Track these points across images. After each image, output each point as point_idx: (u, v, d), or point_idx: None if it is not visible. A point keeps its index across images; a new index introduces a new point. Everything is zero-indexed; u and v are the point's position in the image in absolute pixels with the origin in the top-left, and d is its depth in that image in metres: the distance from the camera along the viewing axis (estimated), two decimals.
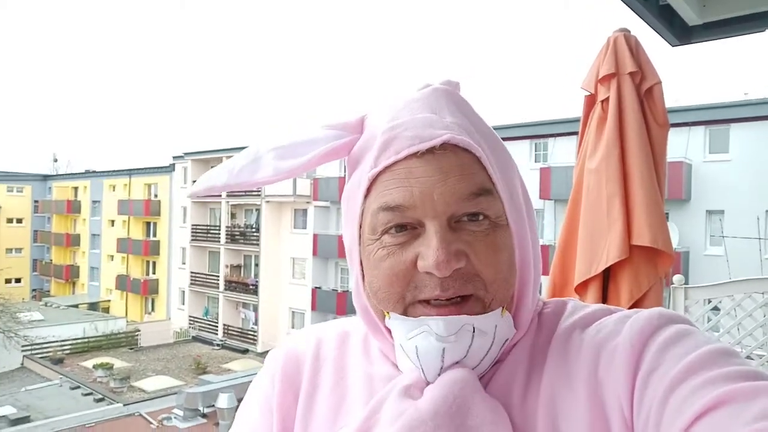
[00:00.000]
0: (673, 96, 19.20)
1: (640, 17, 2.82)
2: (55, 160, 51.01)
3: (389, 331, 0.67)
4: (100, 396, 19.72)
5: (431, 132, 0.63)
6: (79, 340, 26.81)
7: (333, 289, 25.32)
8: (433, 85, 0.70)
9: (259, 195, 27.71)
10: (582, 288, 2.32)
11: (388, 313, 0.65)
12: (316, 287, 25.66)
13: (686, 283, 3.32)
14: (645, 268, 2.27)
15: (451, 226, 0.61)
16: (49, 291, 41.98)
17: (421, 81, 0.73)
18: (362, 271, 0.67)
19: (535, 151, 20.40)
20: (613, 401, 0.57)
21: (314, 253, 25.64)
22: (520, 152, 19.91)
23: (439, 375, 0.63)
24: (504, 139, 0.73)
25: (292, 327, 27.17)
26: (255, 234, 28.28)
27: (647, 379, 0.55)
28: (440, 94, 0.68)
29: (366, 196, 0.65)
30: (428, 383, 0.64)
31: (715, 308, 3.32)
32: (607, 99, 2.40)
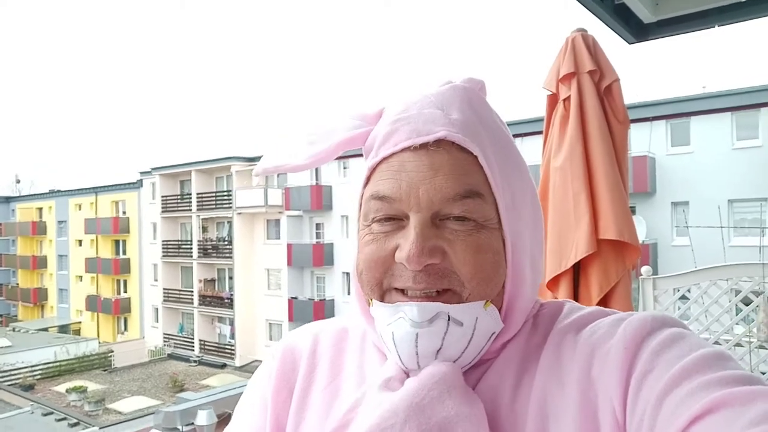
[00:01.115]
0: (634, 92, 19.67)
1: (597, 17, 2.89)
2: (18, 181, 49.77)
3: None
4: (75, 420, 19.21)
5: (429, 128, 0.64)
6: (50, 365, 26.08)
7: (309, 299, 25.16)
8: (453, 82, 0.71)
9: (230, 207, 27.41)
10: (553, 283, 2.36)
11: (371, 300, 0.67)
12: (293, 297, 25.45)
13: (655, 273, 3.40)
14: (613, 261, 2.32)
15: (435, 223, 0.63)
16: (16, 316, 40.78)
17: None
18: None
19: None
20: (605, 403, 0.57)
21: (289, 263, 25.45)
22: None
23: (417, 363, 0.63)
24: None
25: (270, 339, 26.89)
26: (228, 247, 27.95)
27: (641, 381, 0.55)
28: (456, 91, 0.69)
29: (366, 185, 0.68)
30: (408, 375, 0.65)
31: (684, 297, 3.41)
32: (568, 98, 2.46)
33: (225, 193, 28.04)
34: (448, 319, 0.62)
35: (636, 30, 3.12)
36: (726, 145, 16.40)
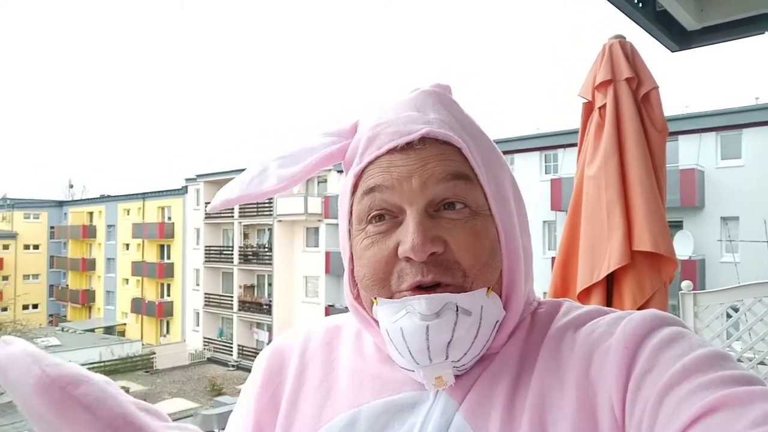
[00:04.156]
0: (680, 102, 19.13)
1: (638, 24, 2.83)
2: (71, 186, 51.88)
3: (378, 323, 0.68)
4: None
5: (411, 127, 0.65)
6: (95, 365, 26.91)
7: (346, 307, 25.15)
8: (421, 88, 0.72)
9: (270, 215, 27.86)
10: (585, 294, 2.31)
11: (375, 299, 0.66)
12: (330, 305, 25.61)
13: (702, 290, 3.27)
14: (648, 274, 2.25)
15: (430, 214, 0.63)
16: (65, 316, 42.32)
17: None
18: (352, 265, 0.69)
19: (545, 162, 20.35)
20: (604, 401, 0.56)
21: (327, 271, 25.64)
22: (530, 164, 19.87)
23: (429, 357, 0.62)
24: (513, 151, 0.75)
25: None
26: (268, 253, 28.37)
27: (641, 380, 0.55)
28: (427, 95, 0.71)
29: (353, 192, 0.68)
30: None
31: (728, 315, 3.27)
32: (604, 106, 2.41)
33: (266, 201, 28.52)
34: (457, 310, 0.62)
35: (679, 37, 3.03)
36: None
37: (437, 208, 0.64)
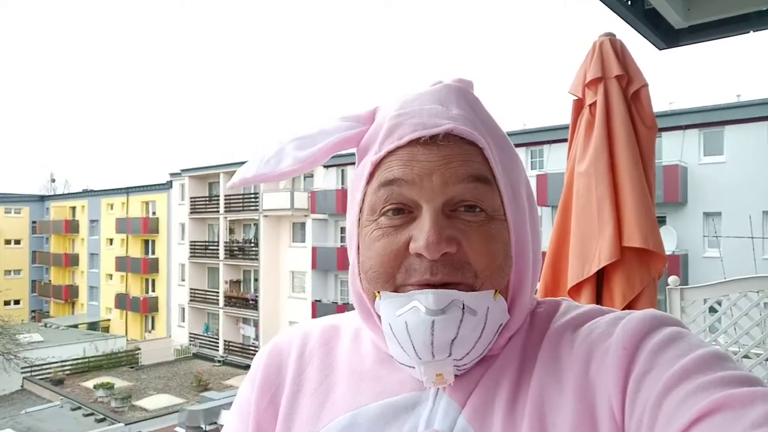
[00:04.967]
0: (665, 99, 19.33)
1: (626, 22, 2.85)
2: (53, 180, 51.33)
3: (380, 317, 0.66)
4: (102, 416, 19.61)
5: (436, 121, 0.64)
6: (79, 361, 26.65)
7: (333, 302, 25.24)
8: (444, 82, 0.72)
9: (257, 210, 27.71)
10: (575, 291, 2.32)
11: (378, 293, 0.65)
12: (316, 300, 25.57)
13: (685, 285, 3.32)
14: (638, 270, 2.27)
15: (446, 214, 0.63)
16: (48, 312, 41.78)
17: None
18: (359, 255, 0.68)
19: (531, 158, 20.46)
20: (603, 402, 0.56)
21: (313, 266, 25.59)
22: None
23: (432, 353, 0.61)
24: None
25: None
26: (254, 249, 28.24)
27: (640, 381, 0.55)
28: (451, 89, 0.70)
29: (369, 181, 0.67)
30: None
31: (713, 309, 3.32)
32: (594, 103, 2.42)
33: (252, 196, 28.37)
34: (463, 308, 0.61)
35: (666, 35, 3.06)
36: (761, 155, 15.97)
37: (454, 208, 0.63)
